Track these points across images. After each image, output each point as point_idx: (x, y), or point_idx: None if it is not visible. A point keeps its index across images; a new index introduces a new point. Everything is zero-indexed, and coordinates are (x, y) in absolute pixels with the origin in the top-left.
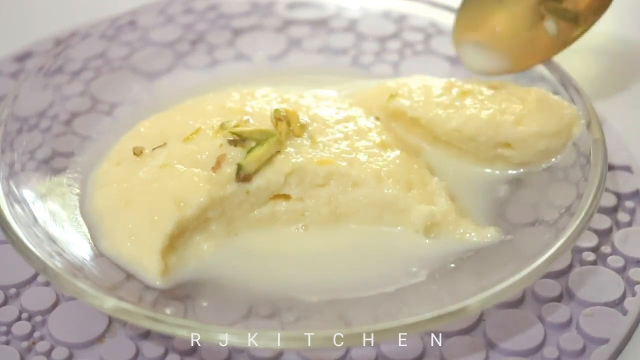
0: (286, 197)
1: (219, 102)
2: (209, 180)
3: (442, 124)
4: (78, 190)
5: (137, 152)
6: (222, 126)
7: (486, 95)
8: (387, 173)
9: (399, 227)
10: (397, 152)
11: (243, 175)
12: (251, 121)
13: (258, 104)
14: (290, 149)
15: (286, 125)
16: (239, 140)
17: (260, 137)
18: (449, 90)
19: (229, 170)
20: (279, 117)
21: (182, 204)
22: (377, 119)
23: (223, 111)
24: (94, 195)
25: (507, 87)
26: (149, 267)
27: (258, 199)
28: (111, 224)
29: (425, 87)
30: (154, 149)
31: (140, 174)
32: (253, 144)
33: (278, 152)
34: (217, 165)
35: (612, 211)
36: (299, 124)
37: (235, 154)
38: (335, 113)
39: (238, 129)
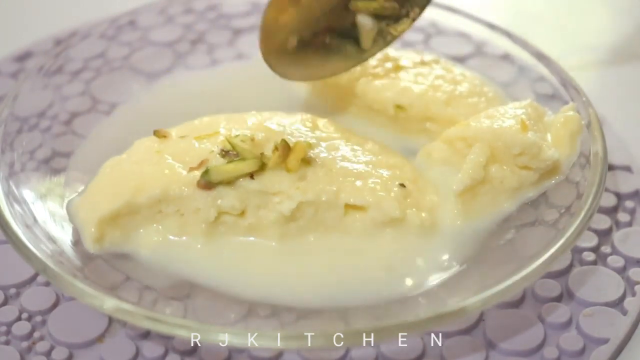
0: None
1: (261, 119)
2: (176, 177)
3: (377, 93)
4: (78, 190)
5: (160, 135)
6: (228, 136)
7: (419, 71)
8: None
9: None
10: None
11: (204, 183)
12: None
13: (286, 130)
14: (269, 179)
15: (279, 157)
16: (232, 152)
17: (246, 157)
18: (383, 63)
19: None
20: (276, 147)
21: (140, 190)
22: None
23: (259, 127)
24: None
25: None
26: (87, 231)
27: (209, 216)
28: (90, 186)
29: None
30: (178, 137)
31: (141, 154)
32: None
33: (251, 176)
34: (198, 167)
35: (612, 211)
36: (298, 162)
37: (217, 163)
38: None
39: (234, 140)
